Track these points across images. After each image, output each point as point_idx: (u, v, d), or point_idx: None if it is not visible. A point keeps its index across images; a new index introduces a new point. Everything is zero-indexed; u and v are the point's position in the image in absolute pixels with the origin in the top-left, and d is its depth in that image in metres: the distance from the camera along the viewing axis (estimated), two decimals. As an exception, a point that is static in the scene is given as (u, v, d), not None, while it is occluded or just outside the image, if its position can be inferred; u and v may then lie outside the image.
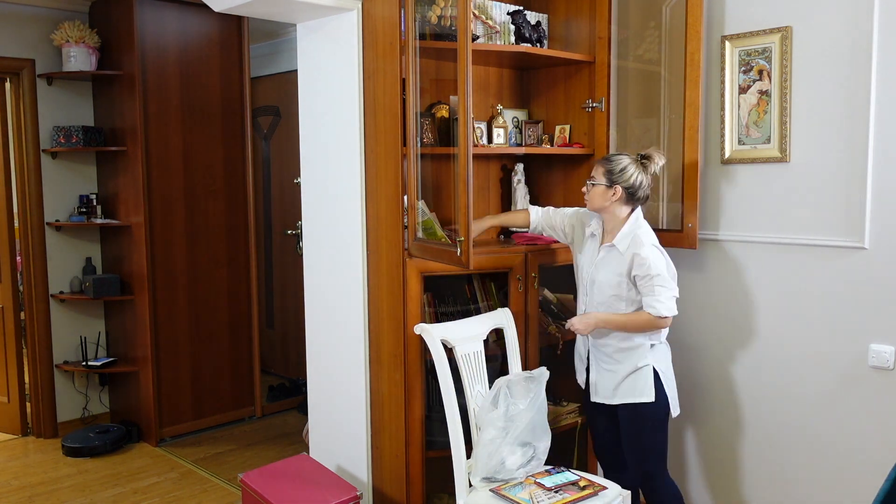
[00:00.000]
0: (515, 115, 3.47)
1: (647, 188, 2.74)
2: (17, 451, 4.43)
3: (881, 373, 2.73)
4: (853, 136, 2.73)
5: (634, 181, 2.70)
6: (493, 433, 2.63)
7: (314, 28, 3.21)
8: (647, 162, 2.74)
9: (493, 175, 3.50)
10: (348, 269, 3.14)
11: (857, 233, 2.74)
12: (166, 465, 4.20)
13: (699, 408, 3.25)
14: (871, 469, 2.77)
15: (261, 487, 2.94)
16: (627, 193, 2.71)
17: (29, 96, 4.41)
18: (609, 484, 2.64)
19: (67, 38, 4.32)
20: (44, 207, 4.50)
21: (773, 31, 2.90)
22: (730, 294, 3.13)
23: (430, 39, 2.88)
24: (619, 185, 2.70)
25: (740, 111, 3.03)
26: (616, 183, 2.71)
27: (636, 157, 2.75)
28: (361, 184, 3.05)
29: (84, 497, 3.79)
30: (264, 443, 4.54)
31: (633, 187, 2.70)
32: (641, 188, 2.72)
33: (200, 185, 4.62)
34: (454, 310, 3.15)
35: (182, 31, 4.48)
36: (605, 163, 2.75)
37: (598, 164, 2.78)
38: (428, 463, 3.01)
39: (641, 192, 2.73)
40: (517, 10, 3.22)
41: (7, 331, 4.64)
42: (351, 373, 3.18)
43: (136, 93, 4.27)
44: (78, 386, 4.70)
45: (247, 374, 4.91)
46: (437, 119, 3.14)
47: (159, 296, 4.46)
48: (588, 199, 2.80)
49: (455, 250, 2.61)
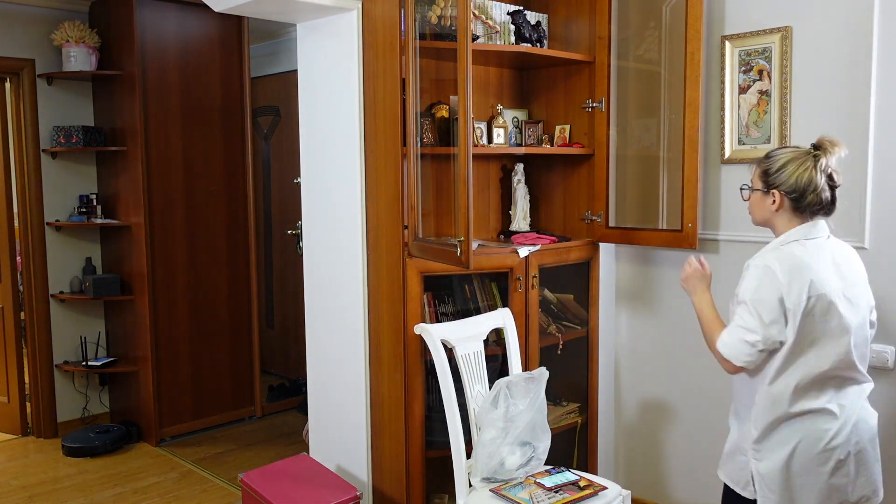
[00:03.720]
0: (515, 115, 3.47)
1: (821, 191, 2.06)
2: (17, 451, 4.43)
3: (881, 373, 2.73)
4: (853, 136, 2.73)
5: (798, 181, 2.06)
6: (493, 433, 2.63)
7: (314, 28, 3.20)
8: (820, 154, 2.07)
9: (493, 175, 3.50)
10: (348, 268, 3.14)
11: (857, 233, 2.74)
12: (166, 465, 4.20)
13: (699, 408, 3.25)
14: (871, 469, 2.77)
15: (261, 487, 2.94)
16: (791, 199, 2.08)
17: (29, 96, 4.41)
18: (609, 484, 2.64)
19: (67, 38, 4.32)
20: (44, 207, 4.50)
21: (773, 31, 2.90)
22: (730, 294, 3.11)
23: (430, 39, 2.88)
24: (778, 189, 2.09)
25: (740, 111, 3.03)
26: (774, 185, 2.11)
27: (807, 149, 2.11)
28: (361, 184, 3.05)
29: (84, 497, 3.79)
30: (264, 443, 4.54)
31: (797, 190, 2.07)
32: (812, 191, 2.06)
33: (200, 185, 4.62)
34: (454, 310, 3.15)
35: (182, 31, 4.48)
36: (762, 161, 2.16)
37: (755, 165, 2.20)
38: (428, 463, 3.01)
39: (812, 196, 2.06)
40: (517, 10, 3.22)
41: (7, 331, 4.64)
42: (351, 373, 3.18)
43: (136, 93, 4.27)
44: (78, 386, 4.70)
45: (247, 374, 4.91)
46: (437, 119, 3.14)
47: (159, 296, 4.46)
48: (750, 212, 2.24)
49: (455, 250, 2.61)
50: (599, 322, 3.42)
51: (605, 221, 3.30)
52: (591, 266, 3.39)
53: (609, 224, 3.30)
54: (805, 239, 2.10)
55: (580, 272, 3.40)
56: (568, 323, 3.40)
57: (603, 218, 3.30)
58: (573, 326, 3.40)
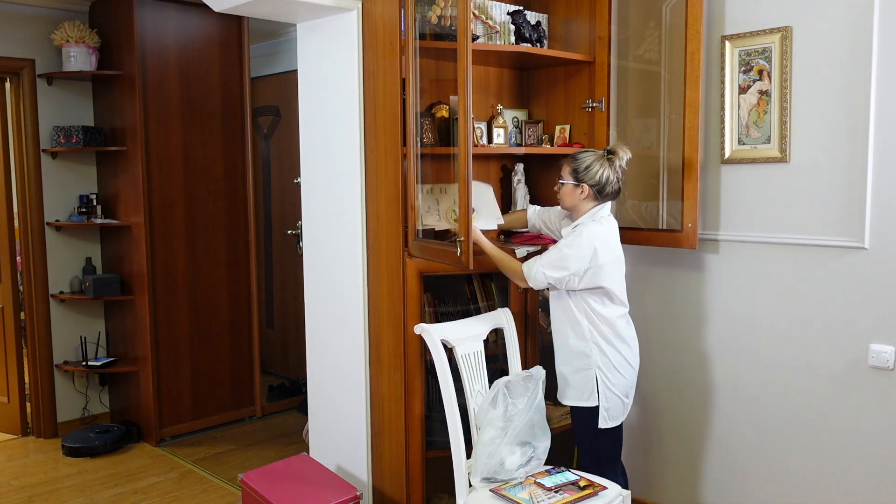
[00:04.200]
0: (515, 115, 3.47)
1: (615, 184, 2.75)
2: (17, 451, 4.43)
3: (881, 373, 2.73)
4: (853, 136, 2.73)
5: (601, 177, 2.72)
6: (493, 433, 2.63)
7: (314, 28, 3.21)
8: (613, 157, 2.75)
9: (493, 175, 3.50)
10: (348, 268, 3.14)
11: (857, 233, 2.74)
12: (166, 465, 4.20)
13: (698, 407, 3.25)
14: (872, 469, 2.77)
15: (261, 487, 2.94)
16: (595, 190, 2.74)
17: (29, 96, 4.41)
18: (609, 484, 2.63)
19: (67, 38, 4.32)
20: (44, 207, 4.50)
21: (773, 31, 2.90)
22: (729, 294, 3.13)
23: (430, 39, 2.88)
24: (586, 183, 2.74)
25: (740, 111, 3.03)
26: (583, 181, 2.74)
27: (602, 153, 2.77)
28: (361, 184, 3.05)
29: (84, 497, 3.79)
30: (264, 443, 4.54)
31: (599, 184, 2.73)
32: (609, 184, 2.74)
33: (200, 185, 4.62)
34: (454, 310, 3.15)
35: (182, 31, 4.49)
36: (570, 161, 2.78)
37: (564, 164, 2.80)
38: (428, 463, 3.01)
39: (609, 187, 2.75)
40: (517, 10, 3.22)
41: (7, 331, 4.64)
42: (351, 373, 3.18)
43: (136, 93, 4.27)
44: (78, 386, 4.70)
45: (247, 374, 4.91)
46: (437, 119, 3.14)
47: (159, 296, 4.46)
48: (560, 199, 2.85)
49: (455, 250, 2.61)
50: (599, 322, 3.42)
51: (605, 221, 3.30)
52: (591, 266, 3.38)
53: (609, 224, 3.30)
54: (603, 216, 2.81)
55: (580, 272, 3.39)
56: (568, 323, 3.40)
57: (603, 218, 3.30)
58: (573, 326, 3.39)
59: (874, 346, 2.74)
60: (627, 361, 2.81)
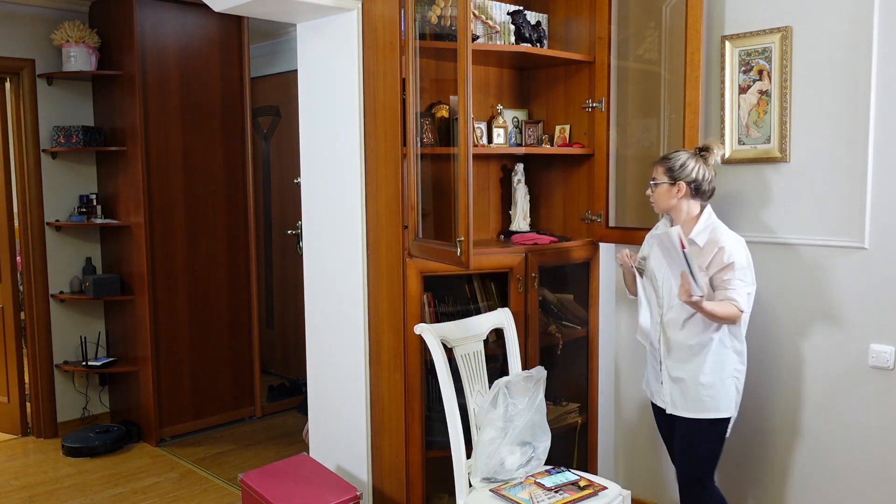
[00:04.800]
0: (515, 115, 3.47)
1: (711, 181, 2.67)
2: (17, 451, 4.43)
3: (881, 373, 2.73)
4: (853, 136, 2.73)
5: (697, 175, 2.64)
6: (493, 433, 2.63)
7: (314, 28, 3.21)
8: (707, 154, 2.67)
9: (493, 175, 3.50)
10: (348, 269, 3.14)
11: (857, 233, 2.74)
12: (166, 465, 4.20)
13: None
14: (872, 469, 2.77)
15: (261, 487, 2.94)
16: (692, 188, 2.65)
17: (29, 96, 4.41)
18: (609, 484, 2.64)
19: (67, 38, 4.32)
20: (44, 207, 4.50)
21: (773, 31, 2.90)
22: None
23: (430, 39, 2.88)
24: (683, 181, 2.64)
25: (740, 111, 3.03)
26: (679, 179, 2.65)
27: (694, 150, 2.70)
28: (361, 184, 3.05)
29: (84, 497, 3.79)
30: (264, 443, 4.54)
31: (696, 181, 2.64)
32: (706, 181, 2.65)
33: (200, 185, 4.62)
34: (454, 310, 3.15)
35: (182, 31, 4.49)
36: (663, 161, 2.70)
37: (656, 165, 2.72)
38: (428, 463, 3.01)
39: (706, 185, 2.66)
40: (517, 10, 3.22)
41: (7, 331, 4.64)
42: (351, 373, 3.18)
43: (136, 93, 4.27)
44: (78, 386, 4.70)
45: (247, 374, 4.91)
46: (437, 119, 3.14)
47: (159, 296, 4.46)
48: (654, 202, 2.74)
49: (455, 250, 2.61)
50: (599, 322, 3.42)
51: (605, 221, 3.30)
52: (591, 266, 3.39)
53: (609, 224, 3.30)
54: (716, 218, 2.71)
55: (580, 272, 3.40)
56: (568, 323, 3.40)
57: (603, 218, 3.30)
58: (573, 326, 3.40)
59: (874, 346, 2.74)
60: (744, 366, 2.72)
